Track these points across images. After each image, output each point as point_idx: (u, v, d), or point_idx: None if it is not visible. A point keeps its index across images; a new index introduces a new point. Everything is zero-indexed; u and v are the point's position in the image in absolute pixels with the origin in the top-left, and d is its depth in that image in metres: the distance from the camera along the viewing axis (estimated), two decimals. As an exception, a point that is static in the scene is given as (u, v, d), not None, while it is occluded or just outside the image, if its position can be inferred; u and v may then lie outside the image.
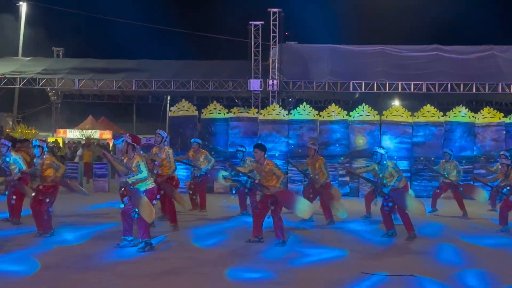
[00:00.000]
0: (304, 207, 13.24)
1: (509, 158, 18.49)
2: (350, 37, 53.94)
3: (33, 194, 13.96)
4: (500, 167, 16.87)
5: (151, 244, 12.04)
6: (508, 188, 15.51)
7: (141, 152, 13.36)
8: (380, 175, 14.16)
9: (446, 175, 19.13)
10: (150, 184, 12.33)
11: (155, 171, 14.97)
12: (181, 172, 22.57)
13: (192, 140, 19.72)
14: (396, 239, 13.85)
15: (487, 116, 24.96)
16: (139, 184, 12.06)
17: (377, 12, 54.01)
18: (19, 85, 36.25)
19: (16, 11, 42.17)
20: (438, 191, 19.45)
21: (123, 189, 14.22)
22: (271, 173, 12.99)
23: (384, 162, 14.10)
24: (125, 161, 12.39)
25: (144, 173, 11.98)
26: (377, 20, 54.45)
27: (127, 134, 12.88)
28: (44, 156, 14.04)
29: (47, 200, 13.63)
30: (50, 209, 13.66)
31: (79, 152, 31.09)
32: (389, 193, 14.00)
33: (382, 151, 14.31)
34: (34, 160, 14.42)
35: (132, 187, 12.03)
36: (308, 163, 16.99)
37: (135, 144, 12.30)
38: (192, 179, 19.07)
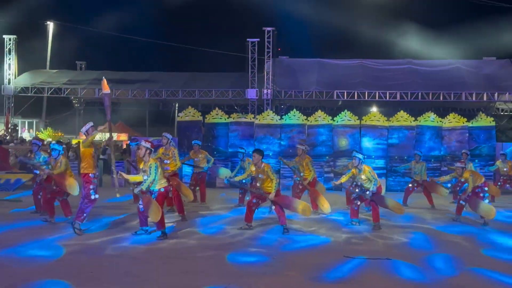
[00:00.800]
0: (303, 207, 13.34)
1: (469, 157, 18.69)
2: (334, 52, 53.77)
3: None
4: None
5: (165, 233, 12.05)
6: (463, 186, 15.72)
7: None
8: (358, 179, 14.17)
9: (417, 173, 19.16)
10: (164, 183, 12.34)
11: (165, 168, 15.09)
12: (187, 168, 22.46)
13: (192, 142, 19.77)
14: (373, 228, 13.84)
15: (453, 120, 24.94)
16: (152, 185, 12.07)
17: (358, 30, 54.04)
18: (47, 93, 36.33)
19: (44, 30, 42.11)
20: (410, 188, 19.38)
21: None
22: (267, 175, 13.00)
23: (361, 166, 14.13)
24: (141, 167, 12.39)
25: (153, 175, 11.93)
26: (358, 37, 54.46)
27: (143, 140, 12.83)
28: (59, 158, 14.16)
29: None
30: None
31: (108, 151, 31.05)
32: (371, 198, 14.02)
33: (360, 156, 14.29)
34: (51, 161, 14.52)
35: (144, 194, 12.07)
36: (296, 161, 17.00)
37: (152, 149, 12.32)
38: (193, 175, 18.99)
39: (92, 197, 12.64)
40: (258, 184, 13.30)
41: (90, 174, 12.83)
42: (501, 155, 21.08)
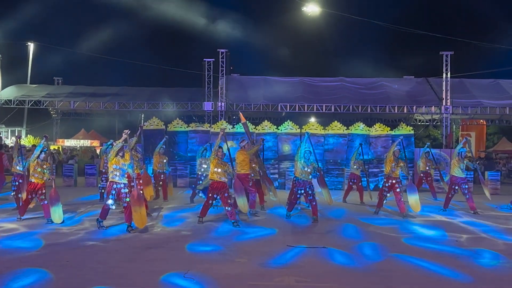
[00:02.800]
0: (243, 203, 13.44)
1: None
2: (278, 71, 54.36)
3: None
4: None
5: (131, 227, 11.95)
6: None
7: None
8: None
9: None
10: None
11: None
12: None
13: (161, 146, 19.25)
14: (312, 221, 13.94)
15: (378, 129, 25.32)
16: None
17: (299, 52, 54.59)
18: (28, 105, 35.50)
19: (26, 49, 41.27)
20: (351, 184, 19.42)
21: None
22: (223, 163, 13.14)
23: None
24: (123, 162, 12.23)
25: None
26: (298, 58, 55.01)
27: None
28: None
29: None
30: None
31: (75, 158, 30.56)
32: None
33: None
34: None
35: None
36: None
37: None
38: (156, 175, 18.68)
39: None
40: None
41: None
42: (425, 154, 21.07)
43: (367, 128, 25.42)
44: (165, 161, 18.83)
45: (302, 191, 14.08)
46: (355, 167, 19.15)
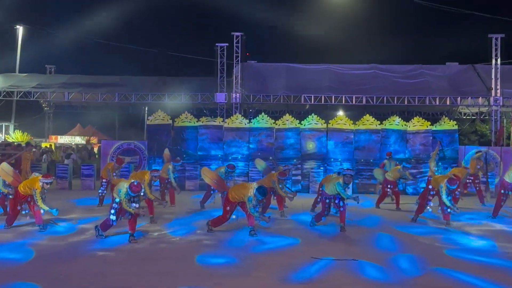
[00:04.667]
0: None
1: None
2: (302, 57, 54.15)
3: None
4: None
5: (134, 236, 12.02)
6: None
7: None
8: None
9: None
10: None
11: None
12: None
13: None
14: (340, 229, 13.91)
15: (417, 124, 25.17)
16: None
17: (325, 35, 54.46)
18: (16, 97, 35.77)
19: (14, 34, 41.61)
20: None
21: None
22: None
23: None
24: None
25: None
26: (324, 43, 54.80)
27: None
28: None
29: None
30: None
31: (72, 156, 30.77)
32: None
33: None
34: None
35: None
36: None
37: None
38: (161, 178, 18.81)
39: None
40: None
41: None
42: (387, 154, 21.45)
43: (403, 123, 25.29)
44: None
45: (332, 198, 14.10)
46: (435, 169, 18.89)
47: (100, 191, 18.30)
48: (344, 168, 15.03)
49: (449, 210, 14.71)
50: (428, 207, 15.52)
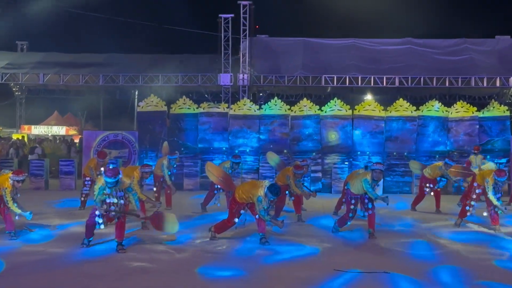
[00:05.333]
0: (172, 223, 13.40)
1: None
2: (322, 30, 54.16)
3: None
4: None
5: (122, 245, 12.02)
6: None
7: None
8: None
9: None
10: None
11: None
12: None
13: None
14: (368, 236, 13.90)
15: (460, 110, 25.12)
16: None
17: (349, 4, 54.18)
18: (-19, 80, 35.91)
19: (-23, 4, 41.73)
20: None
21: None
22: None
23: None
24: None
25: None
26: (349, 13, 54.60)
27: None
28: None
29: None
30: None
31: (37, 150, 30.80)
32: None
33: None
34: None
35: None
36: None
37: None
38: (155, 176, 18.87)
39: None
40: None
41: None
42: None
43: (444, 109, 25.23)
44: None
45: (358, 198, 14.06)
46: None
47: (84, 191, 18.34)
48: (373, 162, 14.97)
49: (495, 209, 14.68)
50: (473, 210, 15.49)
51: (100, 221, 11.97)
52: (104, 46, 41.95)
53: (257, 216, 12.90)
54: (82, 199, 18.37)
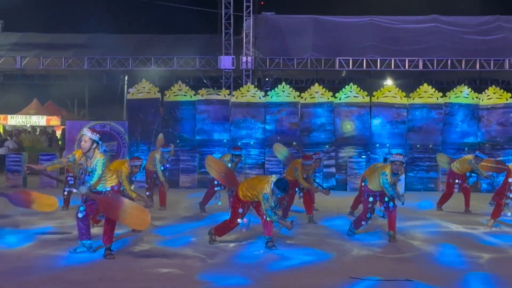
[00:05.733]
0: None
1: None
2: (336, 7, 53.93)
3: None
4: None
5: (110, 250, 12.00)
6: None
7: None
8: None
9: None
10: (115, 179, 12.34)
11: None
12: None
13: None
14: (388, 239, 13.89)
15: (493, 96, 25.09)
16: (100, 184, 11.98)
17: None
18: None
19: None
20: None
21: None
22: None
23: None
24: (81, 161, 12.17)
25: (99, 172, 11.76)
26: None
27: (88, 129, 12.62)
28: None
29: None
30: None
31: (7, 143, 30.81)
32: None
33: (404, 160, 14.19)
34: None
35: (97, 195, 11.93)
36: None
37: (100, 142, 12.03)
38: (147, 173, 18.89)
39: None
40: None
41: None
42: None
43: (475, 95, 25.22)
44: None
45: (377, 196, 14.03)
46: None
47: (65, 189, 18.31)
48: (392, 153, 14.93)
49: None
50: (507, 210, 15.47)
51: (82, 209, 11.96)
52: (89, 25, 42.00)
53: (265, 217, 12.88)
54: (65, 197, 18.32)
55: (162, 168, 18.49)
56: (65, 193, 18.33)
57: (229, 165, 17.24)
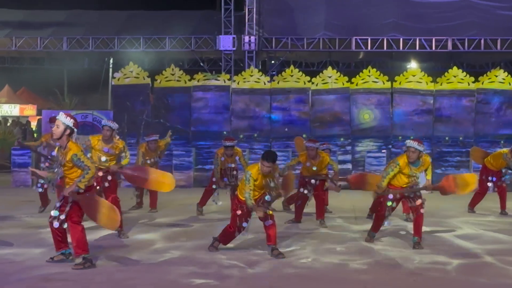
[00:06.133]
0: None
1: None
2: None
3: None
4: None
5: (90, 260, 11.88)
6: None
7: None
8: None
9: None
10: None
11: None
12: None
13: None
14: (413, 245, 13.83)
15: (534, 82, 25.10)
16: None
17: None
18: None
19: None
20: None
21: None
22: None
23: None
24: (55, 153, 12.13)
25: (88, 167, 11.66)
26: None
27: (62, 113, 12.51)
28: None
29: None
30: None
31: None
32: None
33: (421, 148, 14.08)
34: None
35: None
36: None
37: (75, 129, 11.93)
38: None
39: None
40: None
41: None
42: None
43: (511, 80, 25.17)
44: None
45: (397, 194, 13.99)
46: None
47: (38, 186, 18.12)
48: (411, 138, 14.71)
49: None
50: None
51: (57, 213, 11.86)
52: (69, 0, 42.03)
53: (265, 222, 12.78)
54: (41, 194, 18.09)
55: (149, 162, 18.46)
56: (39, 189, 18.02)
57: (222, 158, 17.31)
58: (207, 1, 36.36)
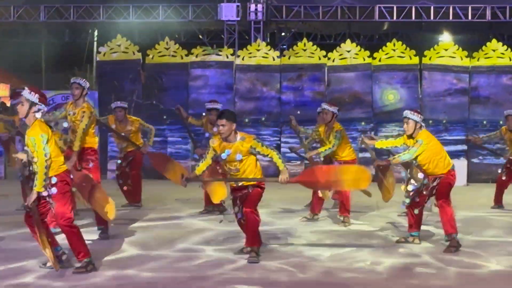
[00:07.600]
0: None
1: None
2: None
3: None
4: None
5: (92, 263, 11.89)
6: None
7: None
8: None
9: None
10: (62, 165, 12.02)
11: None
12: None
13: (113, 105, 18.94)
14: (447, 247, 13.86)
15: None
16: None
17: None
18: None
19: None
20: (504, 177, 19.23)
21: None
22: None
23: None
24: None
25: (42, 154, 11.40)
26: None
27: (26, 88, 12.37)
28: None
29: None
30: None
31: None
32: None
33: (417, 118, 14.21)
34: None
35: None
36: (319, 132, 16.91)
37: (42, 105, 11.72)
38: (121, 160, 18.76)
39: None
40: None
41: None
42: None
43: (561, 54, 25.22)
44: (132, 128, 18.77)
45: (423, 186, 14.10)
46: None
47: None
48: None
49: None
50: None
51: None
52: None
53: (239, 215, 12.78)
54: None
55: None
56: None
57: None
58: (206, -37, 36.37)
